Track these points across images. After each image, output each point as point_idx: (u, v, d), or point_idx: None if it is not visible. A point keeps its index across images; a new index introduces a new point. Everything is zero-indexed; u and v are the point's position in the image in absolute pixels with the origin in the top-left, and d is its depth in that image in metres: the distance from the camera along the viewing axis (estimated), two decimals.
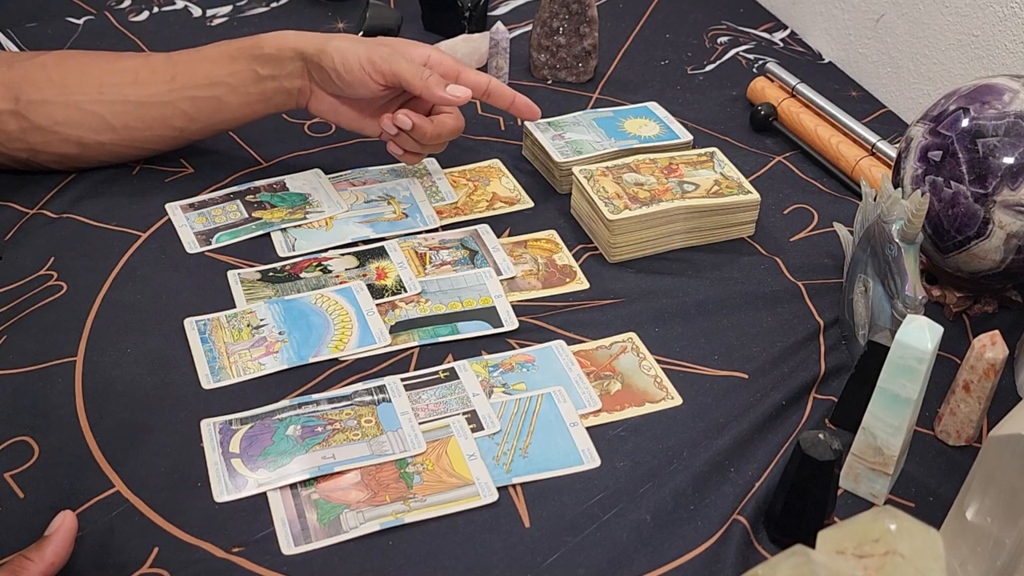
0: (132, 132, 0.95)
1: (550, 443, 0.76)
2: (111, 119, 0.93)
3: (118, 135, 0.94)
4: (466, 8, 1.24)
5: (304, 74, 0.93)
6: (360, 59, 0.90)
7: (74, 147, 0.94)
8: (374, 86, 0.91)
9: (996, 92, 0.84)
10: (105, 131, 0.94)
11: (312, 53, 0.92)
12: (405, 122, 0.92)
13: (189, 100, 0.94)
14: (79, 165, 0.97)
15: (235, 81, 0.93)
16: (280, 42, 0.93)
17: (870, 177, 1.03)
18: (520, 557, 0.69)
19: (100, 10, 1.28)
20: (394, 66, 0.90)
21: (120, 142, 0.95)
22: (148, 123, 0.95)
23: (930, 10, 1.13)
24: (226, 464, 0.73)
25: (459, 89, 0.92)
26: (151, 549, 0.68)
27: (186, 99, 0.94)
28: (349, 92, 0.93)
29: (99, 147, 0.95)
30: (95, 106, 0.93)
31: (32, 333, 0.83)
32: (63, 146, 0.94)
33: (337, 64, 0.91)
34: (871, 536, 0.55)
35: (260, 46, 0.93)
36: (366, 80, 0.91)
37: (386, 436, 0.75)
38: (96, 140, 0.94)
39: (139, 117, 0.94)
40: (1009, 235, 0.82)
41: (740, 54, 1.28)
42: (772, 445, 0.78)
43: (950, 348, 0.86)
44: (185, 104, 0.94)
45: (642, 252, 0.94)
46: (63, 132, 0.93)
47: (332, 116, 0.97)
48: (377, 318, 0.85)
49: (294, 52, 0.92)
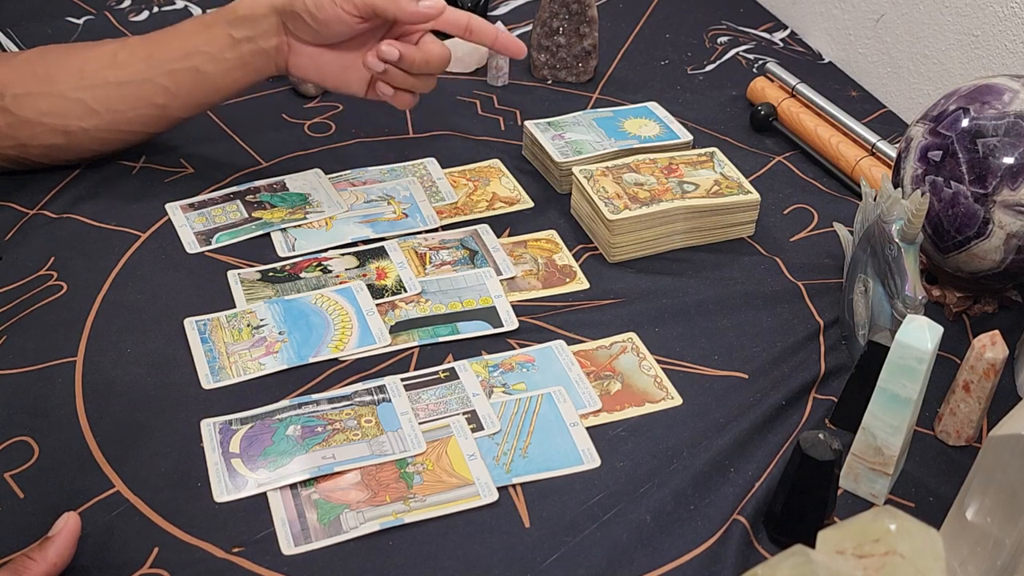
0: (115, 115, 0.95)
1: (550, 443, 0.76)
2: (93, 104, 0.94)
3: (101, 119, 0.95)
4: (466, 8, 1.24)
5: (279, 29, 0.92)
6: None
7: (60, 137, 0.95)
8: (349, 19, 0.89)
9: (996, 92, 0.84)
10: (89, 116, 0.94)
11: (284, 3, 0.91)
12: (391, 52, 0.89)
13: (168, 74, 0.94)
14: (68, 157, 0.98)
15: (212, 48, 0.93)
16: (252, 2, 0.92)
17: (870, 177, 1.03)
18: (520, 557, 0.69)
19: (100, 10, 1.28)
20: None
21: (104, 126, 0.95)
22: (130, 103, 0.95)
23: (930, 10, 1.13)
24: (226, 464, 0.73)
25: (434, 1, 0.90)
26: (151, 549, 0.68)
27: (164, 74, 0.94)
28: (326, 33, 0.91)
29: (84, 134, 0.95)
30: (77, 92, 0.93)
31: (32, 333, 0.83)
32: (50, 137, 0.94)
33: (309, 5, 0.89)
34: (871, 536, 0.55)
35: (234, 10, 0.93)
36: (340, 14, 0.89)
37: (386, 436, 0.75)
38: (80, 127, 0.95)
39: (120, 98, 0.94)
40: (1009, 235, 0.82)
41: (740, 54, 1.28)
42: (772, 445, 0.78)
43: (950, 348, 0.86)
44: (164, 79, 0.94)
45: (642, 252, 0.94)
46: (49, 122, 0.94)
47: (315, 72, 0.95)
48: (377, 318, 0.85)
49: (267, 8, 0.92)
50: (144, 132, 0.98)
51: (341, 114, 1.11)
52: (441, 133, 1.09)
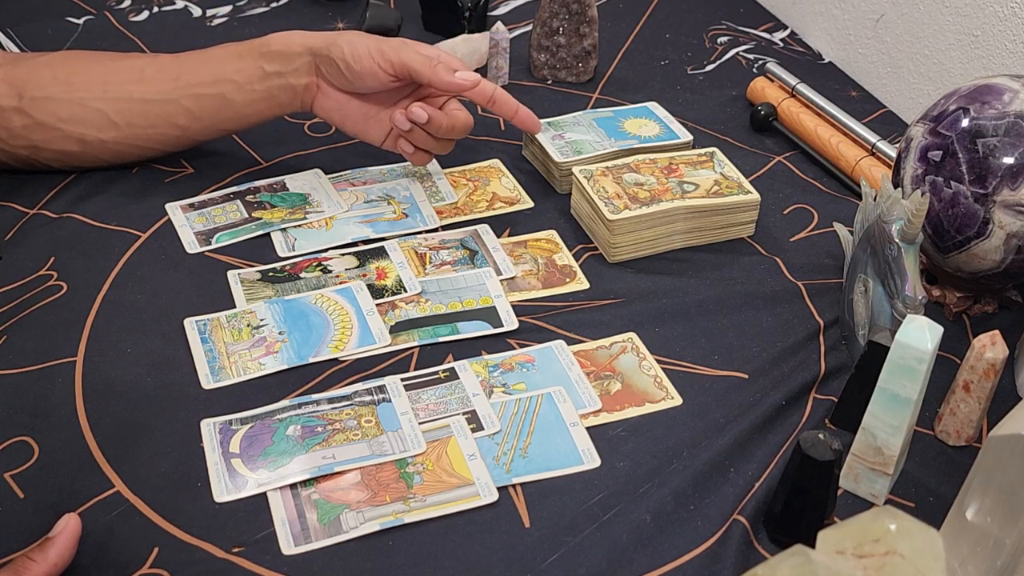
0: (135, 130, 0.95)
1: (550, 443, 0.76)
2: (114, 116, 0.94)
3: (120, 133, 0.95)
4: (466, 8, 1.24)
5: (312, 70, 0.94)
6: (370, 49, 0.91)
7: (76, 144, 0.94)
8: (383, 76, 0.92)
9: (996, 92, 0.84)
10: (108, 128, 0.94)
11: (321, 47, 0.92)
12: (420, 115, 0.92)
13: (193, 98, 0.94)
14: (79, 164, 0.97)
15: (240, 78, 0.94)
16: (287, 39, 0.94)
17: (870, 177, 1.03)
18: (520, 557, 0.69)
19: (100, 10, 1.28)
20: (403, 55, 0.91)
21: (122, 140, 0.95)
22: (151, 121, 0.95)
23: (930, 10, 1.13)
24: (226, 464, 0.73)
25: (468, 74, 0.93)
26: (151, 549, 0.68)
27: (190, 96, 0.94)
28: (358, 84, 0.93)
29: (101, 145, 0.95)
30: (99, 103, 0.93)
31: (32, 333, 0.83)
32: (65, 143, 0.94)
33: (347, 54, 0.91)
34: (871, 536, 0.55)
35: (267, 44, 0.94)
36: (375, 70, 0.91)
37: (386, 436, 0.75)
38: (98, 138, 0.94)
39: (142, 114, 0.94)
40: (1009, 235, 0.82)
41: (740, 54, 1.28)
42: (772, 445, 0.78)
43: (950, 348, 0.86)
44: (189, 101, 0.94)
45: (642, 252, 0.94)
46: (66, 129, 0.93)
47: (337, 116, 0.97)
48: (377, 318, 0.85)
49: (303, 47, 0.93)
50: (160, 150, 0.98)
51: None
52: None
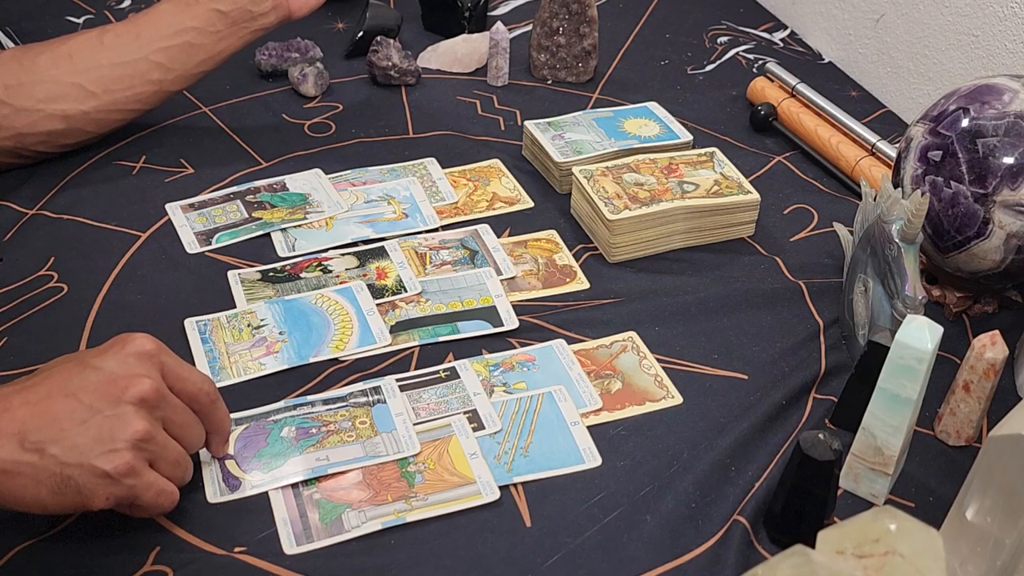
0: (113, 95, 0.96)
1: (551, 442, 0.76)
2: (90, 86, 0.95)
3: (100, 101, 0.96)
4: (466, 8, 1.24)
5: None
6: None
7: (60, 122, 0.95)
8: None
9: (996, 92, 0.84)
10: (87, 99, 0.96)
11: None
12: None
13: (161, 51, 0.96)
14: (66, 141, 0.98)
15: (199, 23, 0.96)
16: None
17: (870, 177, 1.03)
18: (521, 557, 0.69)
19: (100, 9, 1.28)
20: None
21: (103, 107, 0.97)
22: (127, 83, 0.96)
23: (930, 10, 1.13)
24: (220, 465, 0.73)
25: None
26: (152, 548, 0.68)
27: (157, 51, 0.96)
28: None
29: (83, 117, 0.96)
30: (72, 76, 0.94)
31: (32, 334, 0.83)
32: (49, 123, 0.95)
33: None
34: (871, 536, 0.55)
35: None
36: None
37: (380, 438, 0.75)
38: (80, 110, 0.96)
39: (116, 79, 0.96)
40: (1009, 235, 0.82)
41: (740, 54, 1.28)
42: (772, 445, 0.78)
43: (950, 348, 0.86)
44: (158, 56, 0.96)
45: (642, 252, 0.94)
46: (47, 108, 0.94)
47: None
48: (377, 318, 0.85)
49: None
50: (141, 108, 0.99)
51: (341, 114, 1.11)
52: (441, 133, 1.09)
